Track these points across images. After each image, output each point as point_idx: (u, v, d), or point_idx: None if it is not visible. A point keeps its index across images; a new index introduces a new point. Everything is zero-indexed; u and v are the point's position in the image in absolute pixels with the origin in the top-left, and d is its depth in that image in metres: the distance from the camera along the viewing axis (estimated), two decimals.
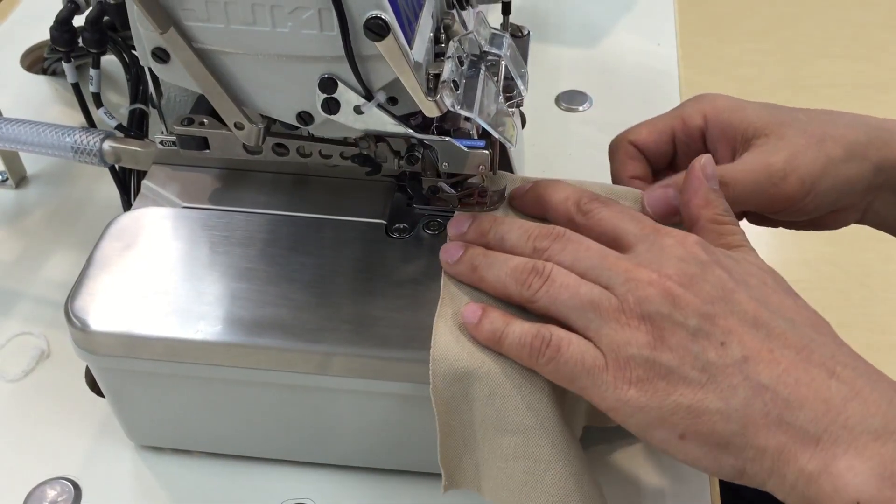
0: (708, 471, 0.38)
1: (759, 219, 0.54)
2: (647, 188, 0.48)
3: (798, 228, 0.55)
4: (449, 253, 0.45)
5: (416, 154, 0.46)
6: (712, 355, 0.37)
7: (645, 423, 0.38)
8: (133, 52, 0.61)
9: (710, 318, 0.38)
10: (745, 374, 0.37)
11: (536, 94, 0.76)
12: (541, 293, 0.41)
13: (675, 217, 0.47)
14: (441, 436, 0.43)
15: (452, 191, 0.48)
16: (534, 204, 0.46)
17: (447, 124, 0.47)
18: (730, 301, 0.39)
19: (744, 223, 0.55)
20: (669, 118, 0.52)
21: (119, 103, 0.71)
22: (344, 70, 0.41)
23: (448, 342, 0.42)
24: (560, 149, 0.71)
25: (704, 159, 0.45)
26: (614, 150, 0.53)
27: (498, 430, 0.42)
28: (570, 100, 0.77)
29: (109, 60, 0.59)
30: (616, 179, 0.52)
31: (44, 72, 0.78)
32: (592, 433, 0.51)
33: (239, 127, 0.44)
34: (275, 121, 0.46)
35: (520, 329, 0.41)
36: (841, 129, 0.50)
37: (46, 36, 0.77)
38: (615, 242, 0.42)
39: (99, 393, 0.53)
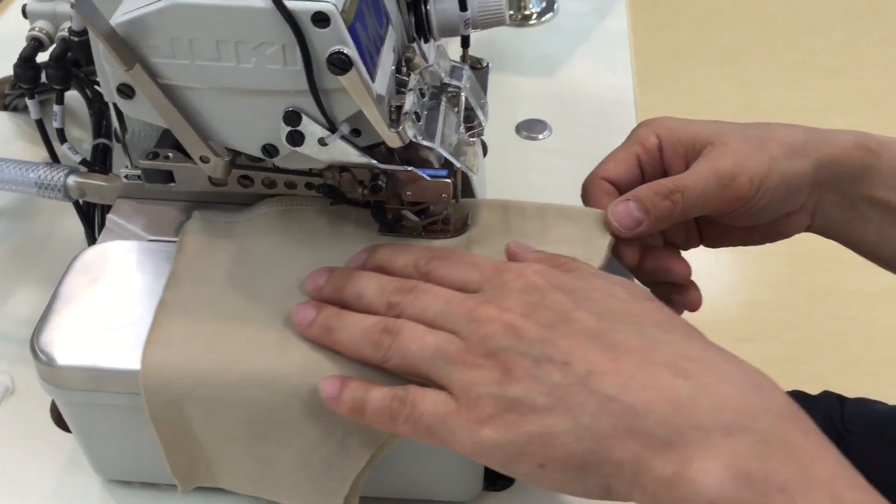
0: (577, 494, 0.37)
1: (715, 235, 0.57)
2: (610, 204, 0.50)
3: (755, 243, 0.57)
4: (300, 315, 0.43)
5: (380, 183, 0.47)
6: (557, 377, 0.37)
7: (504, 460, 0.37)
8: (96, 87, 0.61)
9: (551, 342, 0.38)
10: (590, 388, 0.36)
11: (497, 123, 0.78)
12: (392, 351, 0.40)
13: (639, 227, 0.49)
14: (167, 453, 0.44)
15: (416, 218, 0.49)
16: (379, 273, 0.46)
17: (410, 154, 0.48)
18: (570, 320, 0.39)
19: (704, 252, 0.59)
20: (630, 146, 0.54)
21: (81, 138, 0.71)
22: (308, 103, 0.42)
23: (157, 368, 0.42)
24: (521, 176, 0.73)
25: (514, 244, 0.47)
26: (588, 189, 0.53)
27: (222, 440, 0.44)
28: (530, 128, 0.78)
29: (70, 96, 0.59)
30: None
31: (4, 108, 0.78)
32: None
33: (205, 160, 0.45)
34: (240, 153, 0.46)
35: (379, 395, 0.40)
36: (779, 132, 0.52)
37: (4, 73, 0.77)
38: (464, 290, 0.42)
39: (65, 428, 0.53)
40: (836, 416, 0.74)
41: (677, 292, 0.54)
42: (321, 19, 0.39)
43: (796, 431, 0.34)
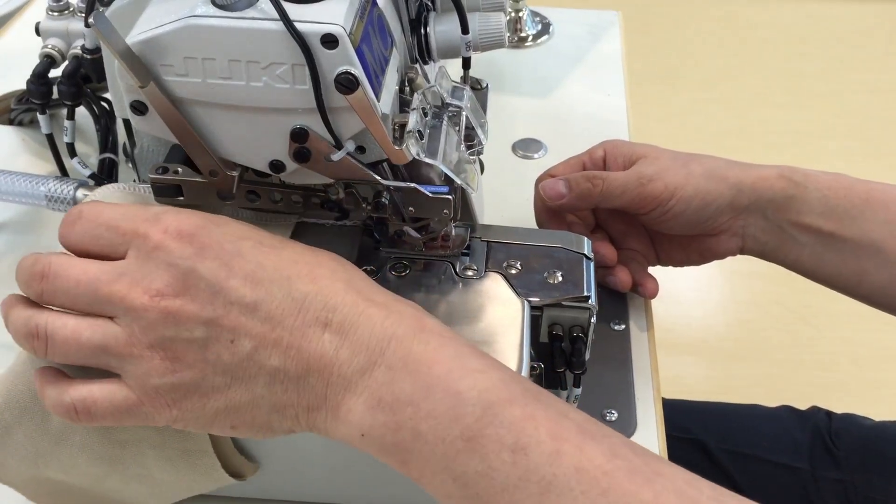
0: (269, 437, 0.41)
1: (664, 251, 0.64)
2: (543, 181, 0.63)
3: (694, 262, 0.64)
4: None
5: (383, 200, 0.48)
6: (226, 357, 0.39)
7: (199, 427, 0.41)
8: (103, 103, 0.63)
9: (213, 322, 0.38)
10: (258, 364, 0.39)
11: (494, 143, 0.80)
12: (50, 353, 0.40)
13: (561, 200, 0.60)
14: None
15: (417, 235, 0.50)
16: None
17: (412, 171, 0.49)
18: (226, 291, 0.39)
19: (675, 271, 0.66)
20: (580, 155, 0.65)
21: (86, 153, 0.72)
22: (315, 121, 0.43)
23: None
24: (517, 193, 0.74)
25: None
26: (538, 181, 0.64)
27: (99, 482, 0.46)
28: (526, 147, 0.80)
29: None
30: (537, 204, 0.64)
31: (10, 122, 0.79)
32: None
33: (213, 175, 0.46)
34: (248, 168, 0.48)
35: (50, 402, 0.40)
36: (705, 159, 0.61)
37: (10, 88, 0.79)
38: (110, 255, 0.41)
39: None
40: (825, 431, 0.76)
41: (610, 274, 0.63)
42: (330, 41, 0.40)
43: (419, 346, 0.39)
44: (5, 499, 0.51)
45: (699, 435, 0.77)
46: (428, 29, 0.51)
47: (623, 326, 0.63)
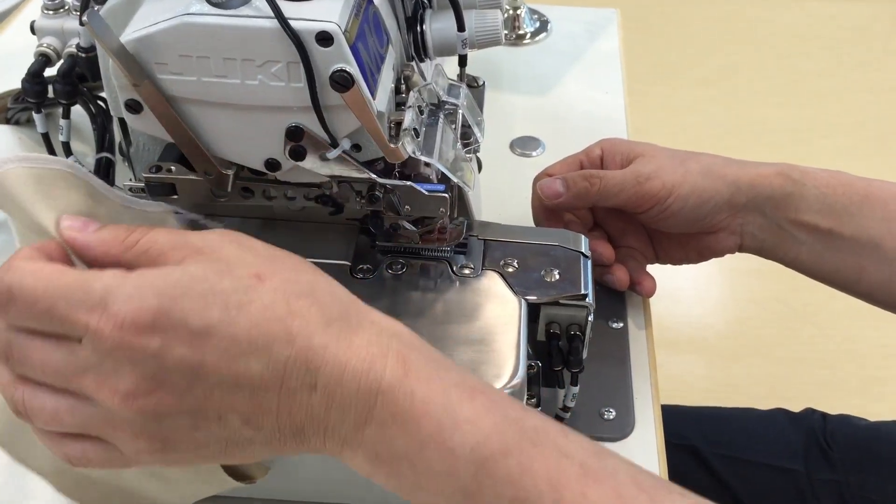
0: None
1: (662, 249, 0.64)
2: (540, 180, 0.63)
3: (692, 260, 0.64)
4: None
5: (377, 194, 0.48)
6: (218, 431, 0.38)
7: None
8: (100, 102, 0.62)
9: (196, 410, 0.37)
10: (251, 430, 0.38)
11: (492, 140, 0.79)
12: (40, 425, 0.38)
13: (558, 198, 0.61)
14: None
15: (413, 228, 0.50)
16: None
17: (408, 170, 0.49)
18: (203, 377, 0.36)
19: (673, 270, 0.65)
20: (577, 154, 0.65)
21: (84, 152, 0.72)
22: (310, 119, 0.43)
23: None
24: (514, 192, 0.74)
25: (66, 227, 0.41)
26: (536, 180, 0.64)
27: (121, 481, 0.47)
28: (524, 145, 0.80)
29: (72, 111, 0.60)
30: (535, 203, 0.64)
31: (7, 122, 0.79)
32: None
33: (208, 174, 0.46)
34: (243, 167, 0.47)
35: (47, 446, 0.40)
36: (703, 157, 0.61)
37: (6, 87, 0.78)
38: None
39: None
40: (819, 432, 0.76)
41: (607, 272, 0.63)
42: (325, 38, 0.40)
43: (405, 400, 0.38)
44: (6, 497, 0.51)
45: (693, 440, 0.76)
46: (424, 26, 0.51)
47: (621, 324, 0.63)
